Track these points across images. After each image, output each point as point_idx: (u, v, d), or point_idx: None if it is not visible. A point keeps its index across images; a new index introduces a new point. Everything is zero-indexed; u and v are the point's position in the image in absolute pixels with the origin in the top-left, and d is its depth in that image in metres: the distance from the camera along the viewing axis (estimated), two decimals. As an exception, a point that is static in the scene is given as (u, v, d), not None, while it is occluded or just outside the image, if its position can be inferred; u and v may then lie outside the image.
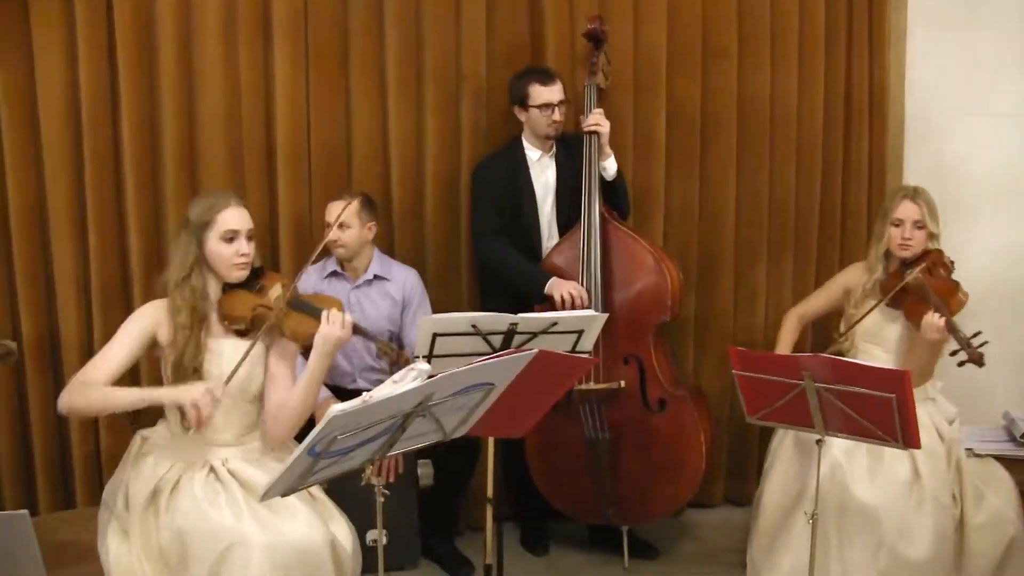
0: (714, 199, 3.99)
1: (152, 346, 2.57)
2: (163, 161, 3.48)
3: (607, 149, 3.46)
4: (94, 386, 2.44)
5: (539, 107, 3.46)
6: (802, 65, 3.97)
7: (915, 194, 3.24)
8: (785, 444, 3.26)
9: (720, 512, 4.09)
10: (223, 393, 2.42)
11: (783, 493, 3.19)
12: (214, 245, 2.54)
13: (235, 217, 2.56)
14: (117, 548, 2.45)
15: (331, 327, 2.47)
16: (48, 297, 3.46)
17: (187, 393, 2.40)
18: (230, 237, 2.54)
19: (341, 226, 3.35)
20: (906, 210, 3.21)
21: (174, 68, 3.44)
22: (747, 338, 4.01)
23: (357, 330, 2.56)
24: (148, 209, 3.48)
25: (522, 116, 3.53)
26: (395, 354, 2.60)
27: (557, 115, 3.47)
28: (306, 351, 2.60)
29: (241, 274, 2.57)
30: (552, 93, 3.45)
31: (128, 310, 3.39)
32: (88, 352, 3.43)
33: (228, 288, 2.60)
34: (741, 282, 4.05)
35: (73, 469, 3.51)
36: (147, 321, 2.56)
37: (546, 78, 3.46)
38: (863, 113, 4.08)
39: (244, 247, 2.55)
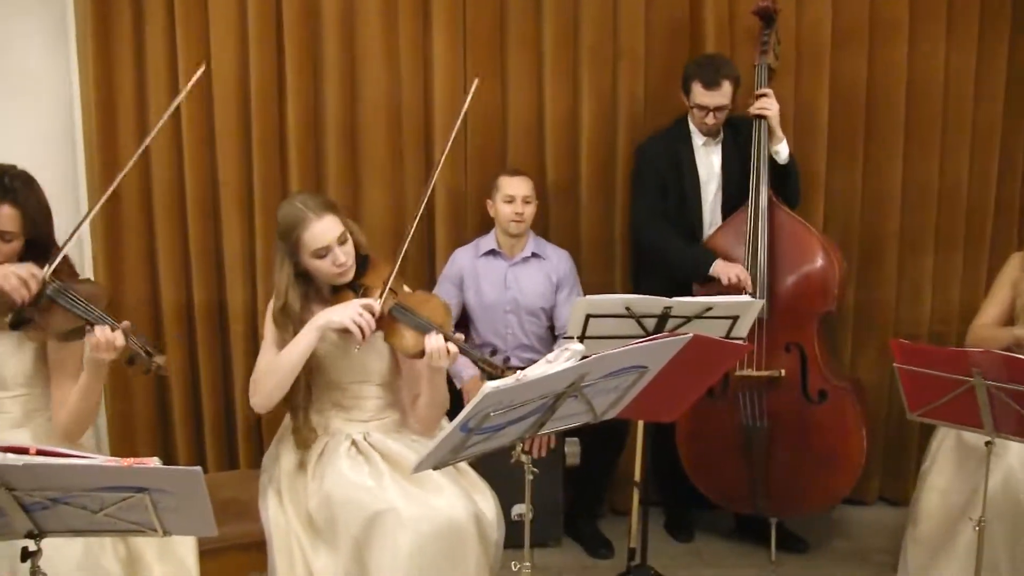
0: (878, 183, 3.81)
1: None
2: (325, 142, 3.61)
3: (779, 132, 3.35)
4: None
5: (694, 107, 3.40)
6: (982, 41, 3.72)
7: None
8: (947, 445, 3.06)
9: (874, 510, 3.95)
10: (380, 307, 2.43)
11: (944, 498, 3.00)
12: (308, 262, 2.51)
13: (320, 233, 2.46)
14: (275, 509, 2.56)
15: (436, 356, 2.40)
16: (217, 270, 3.66)
17: (343, 313, 2.42)
18: (322, 254, 2.48)
19: (526, 200, 3.45)
20: None
21: (337, 52, 3.55)
22: (910, 331, 3.82)
23: (463, 352, 2.47)
24: (311, 186, 3.61)
25: (685, 102, 3.46)
26: (499, 371, 2.41)
27: (710, 119, 3.38)
28: None
29: (345, 279, 2.55)
30: (710, 98, 3.33)
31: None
32: (252, 322, 3.64)
33: (336, 289, 2.58)
34: (905, 272, 3.87)
35: (237, 432, 3.71)
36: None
37: (711, 82, 3.31)
38: (1053, 95, 3.79)
39: (339, 257, 2.49)
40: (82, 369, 2.27)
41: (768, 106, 3.32)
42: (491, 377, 2.33)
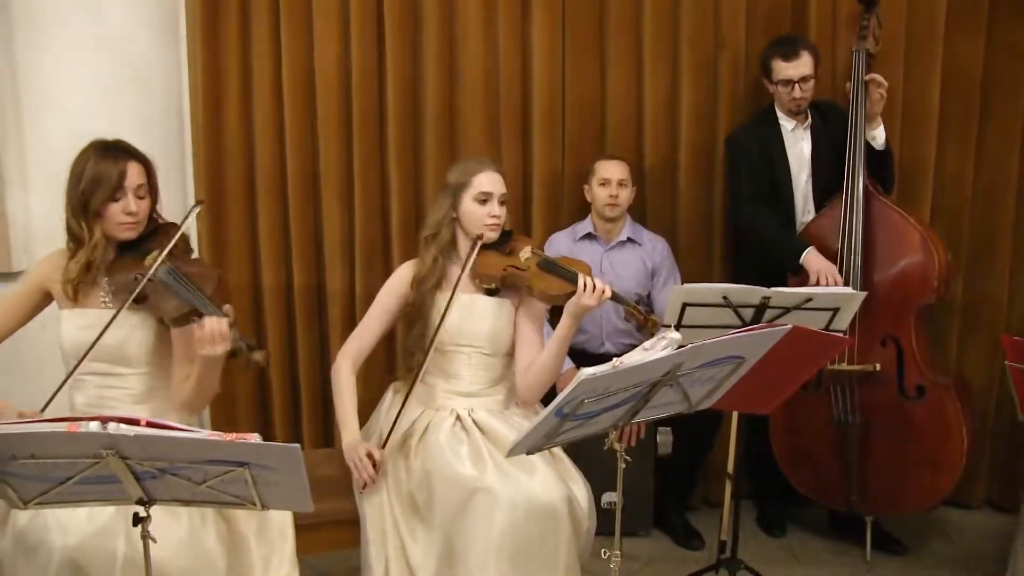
0: (992, 173, 3.66)
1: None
2: (424, 125, 3.65)
3: (877, 117, 3.26)
4: (344, 374, 2.73)
5: (778, 83, 3.34)
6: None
7: None
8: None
9: (979, 515, 3.81)
10: (382, 457, 2.57)
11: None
12: (468, 205, 2.65)
13: (489, 180, 2.66)
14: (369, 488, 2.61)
15: (587, 292, 2.47)
16: (317, 252, 3.73)
17: (354, 451, 2.58)
18: (483, 199, 2.64)
19: (622, 183, 3.45)
20: None
21: (436, 34, 3.58)
22: (1023, 328, 3.64)
23: (614, 297, 2.54)
24: (409, 171, 3.66)
25: (769, 88, 3.43)
26: (643, 317, 2.53)
27: (797, 92, 3.33)
28: (551, 313, 2.64)
29: (492, 235, 2.66)
30: (793, 69, 3.31)
31: (387, 267, 3.62)
32: (350, 303, 3.71)
33: (481, 248, 2.67)
34: (1020, 265, 3.71)
35: (333, 410, 3.78)
36: (399, 282, 2.72)
37: (790, 53, 3.31)
38: None
39: (496, 209, 2.64)
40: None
41: (883, 81, 3.23)
42: (637, 325, 2.52)
